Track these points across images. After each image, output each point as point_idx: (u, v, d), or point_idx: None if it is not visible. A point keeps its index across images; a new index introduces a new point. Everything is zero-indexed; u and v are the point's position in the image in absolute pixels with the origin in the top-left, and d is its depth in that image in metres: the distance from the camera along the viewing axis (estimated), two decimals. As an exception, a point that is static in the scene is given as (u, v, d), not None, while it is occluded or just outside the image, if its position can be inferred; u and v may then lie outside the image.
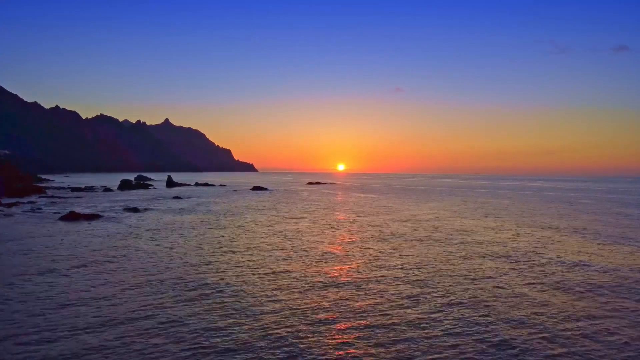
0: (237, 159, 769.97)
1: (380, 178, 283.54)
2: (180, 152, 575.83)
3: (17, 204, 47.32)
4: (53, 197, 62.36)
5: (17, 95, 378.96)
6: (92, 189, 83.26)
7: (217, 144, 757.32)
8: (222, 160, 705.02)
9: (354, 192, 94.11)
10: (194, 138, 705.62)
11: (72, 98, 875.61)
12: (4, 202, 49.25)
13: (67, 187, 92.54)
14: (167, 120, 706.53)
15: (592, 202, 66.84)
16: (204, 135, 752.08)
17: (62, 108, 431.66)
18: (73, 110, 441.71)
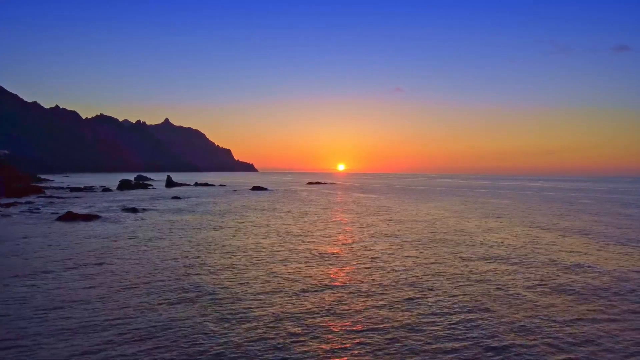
0: (237, 159, 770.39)
1: (380, 178, 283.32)
2: (180, 152, 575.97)
3: (15, 204, 47.07)
4: (51, 197, 62.12)
5: (17, 95, 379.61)
6: (91, 189, 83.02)
7: (217, 144, 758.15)
8: (222, 160, 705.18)
9: (354, 192, 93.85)
10: (194, 138, 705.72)
11: (72, 98, 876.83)
12: (2, 202, 49.02)
13: (66, 187, 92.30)
14: (167, 120, 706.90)
15: (592, 202, 66.57)
16: (204, 135, 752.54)
17: (62, 108, 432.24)
18: (73, 110, 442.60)
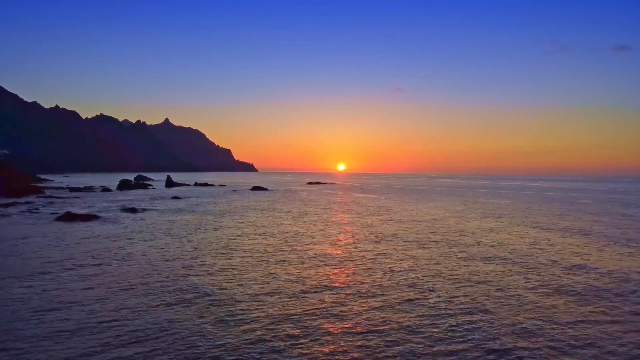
0: (237, 159, 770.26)
1: (380, 178, 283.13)
2: (180, 152, 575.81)
3: (14, 204, 46.92)
4: (51, 197, 61.96)
5: (17, 95, 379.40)
6: (90, 189, 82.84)
7: (217, 144, 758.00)
8: (222, 160, 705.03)
9: (354, 192, 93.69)
10: (194, 138, 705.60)
11: (72, 98, 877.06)
12: (1, 202, 48.89)
13: (65, 187, 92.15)
14: (167, 120, 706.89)
15: (592, 202, 66.40)
16: (204, 135, 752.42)
17: (62, 108, 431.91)
18: (73, 110, 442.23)
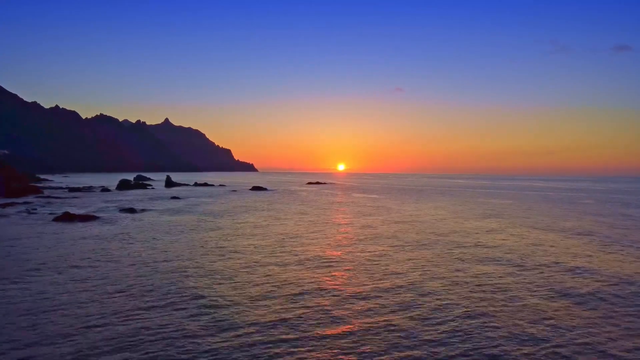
0: (237, 159, 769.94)
1: (381, 178, 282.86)
2: (180, 152, 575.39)
3: (12, 204, 46.69)
4: (49, 197, 61.69)
5: (16, 95, 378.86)
6: (89, 189, 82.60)
7: (217, 144, 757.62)
8: (222, 160, 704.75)
9: (354, 192, 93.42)
10: (194, 138, 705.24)
11: (72, 98, 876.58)
12: (0, 202, 48.67)
13: (65, 187, 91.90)
14: (167, 120, 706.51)
15: (593, 202, 66.12)
16: (204, 135, 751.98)
17: (61, 108, 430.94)
18: (73, 110, 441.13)
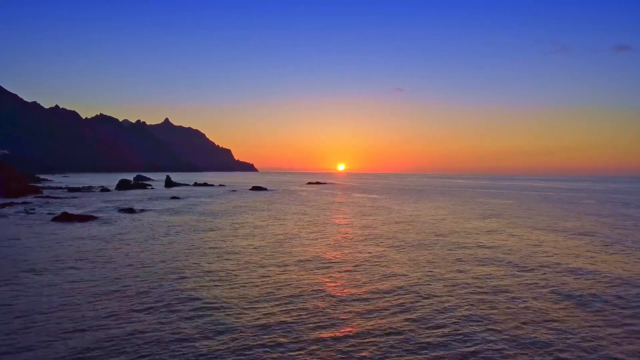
0: (237, 159, 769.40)
1: (381, 178, 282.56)
2: (180, 152, 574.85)
3: (10, 204, 46.47)
4: (49, 197, 61.46)
5: (16, 95, 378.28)
6: (89, 189, 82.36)
7: (217, 144, 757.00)
8: (222, 160, 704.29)
9: (354, 192, 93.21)
10: (194, 138, 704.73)
11: (72, 98, 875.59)
12: (-2, 202, 48.41)
13: (64, 187, 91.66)
14: (167, 120, 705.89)
15: (594, 202, 65.92)
16: (204, 135, 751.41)
17: (61, 108, 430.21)
18: (73, 110, 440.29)
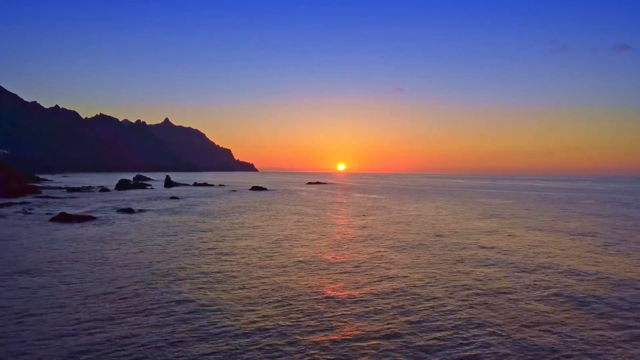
0: (237, 159, 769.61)
1: (381, 178, 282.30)
2: (180, 152, 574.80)
3: (9, 205, 46.27)
4: (47, 197, 61.24)
5: (16, 95, 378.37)
6: (88, 189, 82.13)
7: (217, 144, 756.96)
8: (222, 160, 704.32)
9: (354, 192, 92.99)
10: (194, 138, 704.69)
11: (71, 98, 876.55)
12: (-4, 202, 48.20)
13: (63, 187, 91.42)
14: (167, 120, 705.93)
15: (594, 202, 65.70)
16: (204, 135, 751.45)
17: (61, 108, 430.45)
18: (73, 110, 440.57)
